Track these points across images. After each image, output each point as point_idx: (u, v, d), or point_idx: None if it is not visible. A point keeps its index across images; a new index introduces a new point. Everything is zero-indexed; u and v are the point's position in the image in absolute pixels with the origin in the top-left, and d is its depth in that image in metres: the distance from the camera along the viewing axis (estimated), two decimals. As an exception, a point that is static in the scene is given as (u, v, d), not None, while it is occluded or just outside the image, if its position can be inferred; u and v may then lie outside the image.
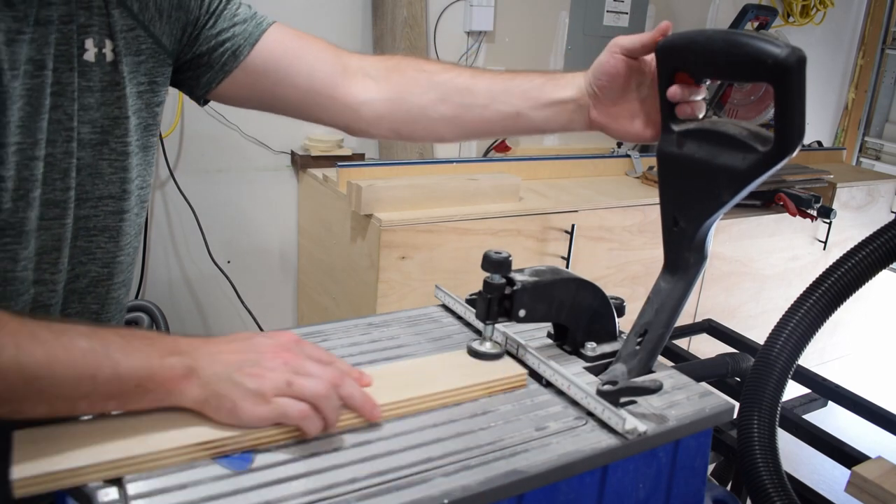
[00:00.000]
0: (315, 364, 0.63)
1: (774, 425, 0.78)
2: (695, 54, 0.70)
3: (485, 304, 0.72)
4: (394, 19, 2.19)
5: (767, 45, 0.62)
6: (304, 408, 0.60)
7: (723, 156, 0.67)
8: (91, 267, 0.79)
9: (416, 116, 0.89)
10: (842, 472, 0.92)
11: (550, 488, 0.61)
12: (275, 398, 0.59)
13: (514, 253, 0.71)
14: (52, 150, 0.72)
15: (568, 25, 2.62)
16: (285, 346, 0.64)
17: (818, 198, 2.49)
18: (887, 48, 3.60)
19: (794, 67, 0.61)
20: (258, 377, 0.60)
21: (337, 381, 0.62)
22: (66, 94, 0.71)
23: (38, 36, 0.68)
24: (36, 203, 0.71)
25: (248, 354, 0.62)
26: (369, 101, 0.89)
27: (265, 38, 0.85)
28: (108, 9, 0.74)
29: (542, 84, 0.84)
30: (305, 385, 0.60)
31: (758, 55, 0.63)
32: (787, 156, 0.64)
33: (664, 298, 0.71)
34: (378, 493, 0.55)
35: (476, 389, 0.71)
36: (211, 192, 2.09)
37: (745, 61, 0.65)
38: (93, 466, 0.54)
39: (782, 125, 0.63)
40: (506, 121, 0.86)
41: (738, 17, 2.65)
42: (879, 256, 0.75)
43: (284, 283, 2.32)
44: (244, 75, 0.85)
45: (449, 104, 0.87)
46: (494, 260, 0.70)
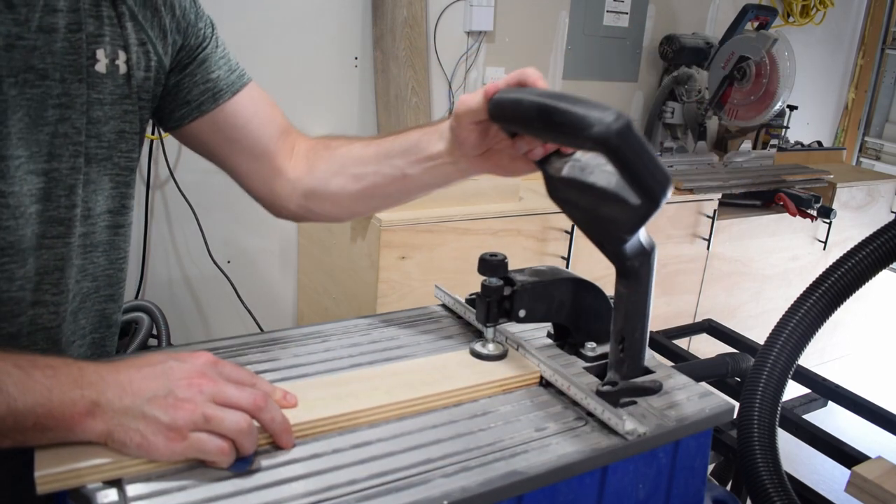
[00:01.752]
0: (235, 388, 0.59)
1: (774, 425, 0.78)
2: (519, 120, 0.69)
3: (484, 307, 0.72)
4: (394, 19, 2.19)
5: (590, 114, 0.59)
6: (224, 445, 0.55)
7: (602, 207, 0.64)
8: (84, 284, 0.77)
9: (320, 193, 0.88)
10: (842, 472, 0.92)
11: (550, 489, 0.61)
12: (191, 433, 0.55)
13: (514, 253, 0.71)
14: (58, 164, 0.69)
15: (568, 25, 2.62)
16: (201, 371, 0.59)
17: (818, 198, 2.49)
18: (887, 48, 3.60)
19: (615, 142, 0.58)
20: (172, 409, 0.55)
21: (260, 405, 0.58)
22: (75, 106, 0.69)
23: (41, 44, 0.65)
24: (34, 220, 0.68)
25: (160, 382, 0.57)
26: (291, 179, 0.89)
27: (243, 92, 0.86)
28: (122, 21, 0.72)
29: (419, 140, 0.82)
30: (225, 420, 0.56)
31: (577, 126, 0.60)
32: (657, 206, 0.61)
33: (628, 303, 0.69)
34: (378, 494, 0.55)
35: (492, 386, 0.71)
36: (211, 192, 2.09)
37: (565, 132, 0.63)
38: (95, 467, 0.54)
39: (635, 186, 0.60)
40: (395, 183, 0.84)
41: (738, 17, 2.65)
42: (879, 256, 0.75)
43: (284, 283, 2.32)
44: (213, 122, 0.85)
45: (344, 176, 0.86)
46: (490, 263, 0.70)
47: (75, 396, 0.55)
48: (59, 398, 0.54)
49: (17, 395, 0.53)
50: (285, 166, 0.90)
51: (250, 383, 0.61)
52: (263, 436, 0.59)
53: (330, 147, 0.90)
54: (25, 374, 0.55)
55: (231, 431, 0.56)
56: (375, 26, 2.23)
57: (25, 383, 0.54)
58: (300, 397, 0.64)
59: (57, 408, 0.54)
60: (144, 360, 0.60)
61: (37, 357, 0.58)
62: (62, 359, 0.58)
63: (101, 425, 0.55)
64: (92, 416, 0.55)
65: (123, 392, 0.56)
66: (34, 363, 0.56)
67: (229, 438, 0.56)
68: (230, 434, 0.56)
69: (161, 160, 1.97)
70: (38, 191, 0.68)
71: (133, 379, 0.57)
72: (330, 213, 0.91)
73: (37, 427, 0.54)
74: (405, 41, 2.22)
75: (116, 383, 0.57)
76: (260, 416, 0.58)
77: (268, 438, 0.59)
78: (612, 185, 0.62)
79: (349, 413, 0.64)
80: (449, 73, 2.41)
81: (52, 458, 0.53)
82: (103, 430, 0.55)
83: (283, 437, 0.59)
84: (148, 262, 2.02)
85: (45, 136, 0.67)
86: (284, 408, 0.62)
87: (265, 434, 0.59)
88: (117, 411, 0.55)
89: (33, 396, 0.54)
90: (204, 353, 0.62)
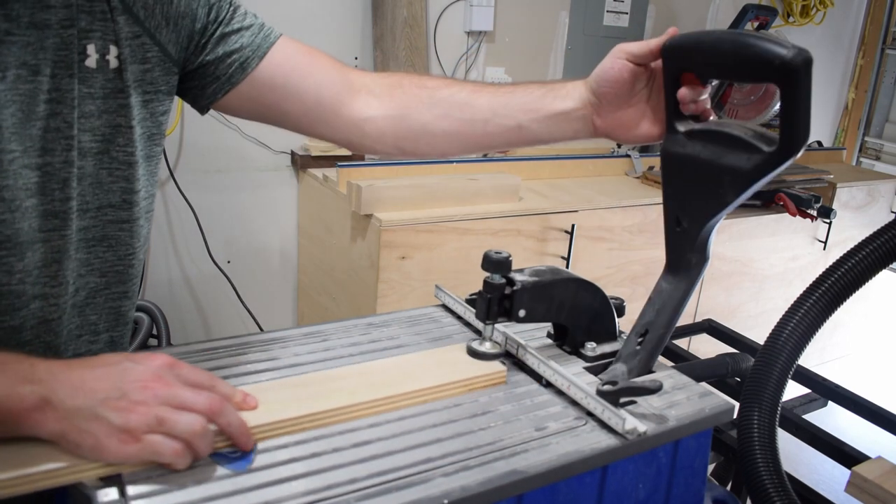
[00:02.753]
0: (191, 392, 0.58)
1: (774, 425, 0.78)
2: (702, 55, 0.70)
3: (485, 304, 0.72)
4: (394, 19, 2.19)
5: (774, 47, 0.62)
6: (178, 447, 0.55)
7: (727, 156, 0.67)
8: (89, 278, 0.77)
9: (418, 133, 0.89)
10: (842, 472, 0.92)
11: (550, 488, 0.61)
12: (145, 436, 0.54)
13: (514, 253, 0.71)
14: (51, 158, 0.69)
15: (568, 25, 2.62)
16: (156, 373, 0.58)
17: (818, 198, 2.49)
18: (887, 48, 3.60)
19: (800, 68, 0.61)
20: (125, 411, 0.55)
21: (216, 409, 0.58)
22: (66, 101, 0.69)
23: (34, 40, 0.66)
24: (31, 213, 0.69)
25: (114, 383, 0.56)
26: (372, 118, 0.89)
27: (273, 52, 0.84)
28: (114, 15, 0.72)
29: (543, 96, 0.83)
30: (179, 422, 0.55)
31: (765, 56, 0.63)
32: (791, 156, 0.64)
33: (665, 299, 0.71)
34: (378, 493, 0.55)
35: (456, 386, 0.70)
36: (211, 192, 2.09)
37: (751, 62, 0.64)
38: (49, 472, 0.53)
39: (788, 126, 0.63)
40: (508, 134, 0.85)
41: (738, 17, 2.65)
42: (879, 256, 0.75)
43: (284, 283, 2.32)
44: (250, 88, 0.84)
45: (450, 120, 0.87)
46: (494, 260, 0.70)
47: (24, 392, 0.54)
48: (7, 392, 0.54)
49: None
50: (354, 106, 0.89)
51: (208, 386, 0.61)
52: (221, 438, 0.59)
53: (426, 87, 0.89)
54: None
55: (185, 433, 0.56)
56: (375, 26, 2.23)
57: None
58: (260, 399, 0.63)
59: (4, 402, 0.54)
60: (99, 361, 0.59)
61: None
62: (14, 354, 0.57)
63: (54, 424, 0.54)
64: (42, 411, 0.54)
65: (75, 391, 0.55)
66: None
67: (183, 440, 0.56)
68: (184, 436, 0.56)
69: (161, 160, 1.97)
70: (33, 185, 0.68)
71: (86, 379, 0.57)
72: (426, 152, 0.91)
73: None
74: (405, 41, 2.22)
75: (68, 382, 0.56)
76: (216, 420, 0.58)
77: (225, 440, 0.59)
78: (746, 135, 0.66)
79: (309, 415, 0.63)
80: (449, 73, 2.41)
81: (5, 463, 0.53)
82: (56, 429, 0.54)
83: (240, 439, 0.59)
84: (148, 262, 2.02)
85: (38, 131, 0.68)
86: (244, 410, 0.62)
87: (223, 437, 0.59)
88: (69, 411, 0.55)
89: None
90: (161, 356, 0.61)
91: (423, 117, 0.88)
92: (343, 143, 0.92)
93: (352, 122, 0.89)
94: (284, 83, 0.85)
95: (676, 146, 0.72)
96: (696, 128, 0.71)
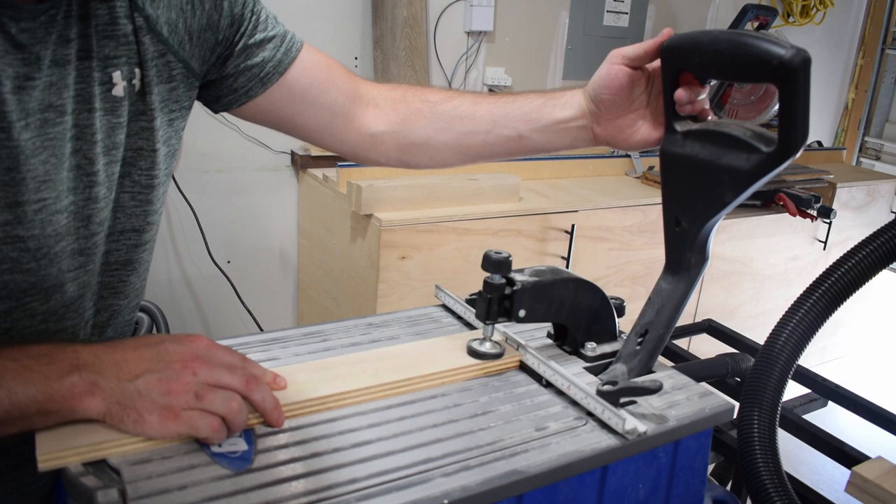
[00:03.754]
0: (226, 371, 0.61)
1: (774, 425, 0.78)
2: (700, 55, 0.70)
3: (485, 304, 0.72)
4: (394, 19, 2.19)
5: (772, 47, 0.62)
6: (215, 423, 0.58)
7: (726, 156, 0.67)
8: (111, 301, 0.76)
9: (420, 147, 0.89)
10: (842, 472, 0.92)
11: (550, 488, 0.61)
12: (184, 412, 0.57)
13: (514, 253, 0.71)
14: (75, 198, 0.66)
15: (568, 25, 2.62)
16: (195, 353, 0.61)
17: (818, 198, 2.49)
18: (887, 48, 3.60)
19: (799, 68, 0.61)
20: (166, 389, 0.58)
21: (250, 386, 0.61)
22: (86, 136, 0.66)
23: (57, 79, 0.62)
24: (61, 256, 0.66)
25: (156, 363, 0.59)
26: (378, 133, 0.89)
27: (294, 66, 0.83)
28: (139, 36, 0.68)
29: (542, 105, 0.83)
30: (216, 399, 0.58)
31: (763, 56, 0.63)
32: (790, 157, 0.64)
33: (665, 299, 0.71)
34: (378, 493, 0.55)
35: (473, 369, 0.73)
36: (211, 192, 2.09)
37: (750, 62, 0.64)
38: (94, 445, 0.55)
39: (786, 126, 0.63)
40: (508, 144, 0.86)
41: (738, 17, 2.65)
42: (879, 256, 0.75)
43: (284, 283, 2.32)
44: (267, 101, 0.83)
45: (452, 133, 0.87)
46: (494, 260, 0.70)
47: (74, 379, 0.56)
48: (58, 384, 0.56)
49: (16, 387, 0.55)
50: (363, 120, 0.89)
51: (242, 366, 0.63)
52: (254, 415, 0.62)
53: (428, 101, 0.89)
54: (22, 366, 0.56)
55: (221, 410, 0.58)
56: (375, 26, 2.23)
57: (23, 375, 0.56)
58: (289, 380, 0.67)
59: (57, 392, 0.56)
60: (141, 342, 0.62)
61: (30, 346, 0.59)
62: (55, 345, 0.59)
63: (100, 403, 0.57)
64: (91, 394, 0.57)
65: (120, 371, 0.58)
66: (28, 353, 0.58)
67: (220, 416, 0.58)
68: (221, 412, 0.58)
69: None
70: (62, 228, 0.66)
71: (129, 359, 0.59)
72: (430, 164, 0.92)
73: (40, 412, 0.56)
74: (405, 41, 2.22)
75: (113, 363, 0.59)
76: (250, 397, 0.61)
77: (258, 418, 0.62)
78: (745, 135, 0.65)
79: (336, 394, 0.66)
80: (449, 73, 2.42)
81: (52, 437, 0.56)
82: (102, 407, 0.57)
83: (272, 414, 0.62)
84: (148, 262, 2.02)
85: (67, 173, 0.65)
86: (274, 390, 0.65)
87: (256, 414, 0.62)
88: (114, 390, 0.57)
89: (33, 386, 0.55)
90: (199, 337, 0.64)
91: (426, 131, 0.88)
92: (350, 155, 0.93)
93: (360, 136, 0.90)
94: (302, 98, 0.85)
95: (675, 146, 0.72)
96: (695, 128, 0.71)
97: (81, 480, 0.54)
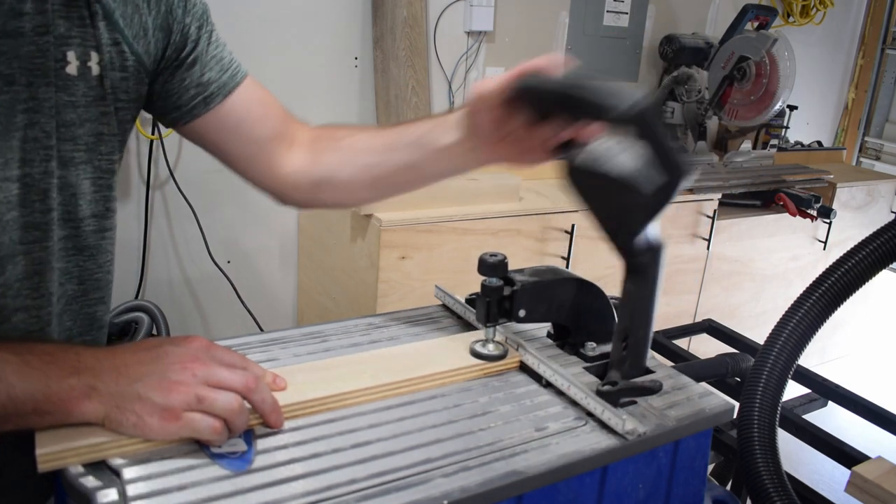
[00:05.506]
0: (227, 371, 0.61)
1: (774, 425, 0.78)
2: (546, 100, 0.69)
3: (484, 307, 0.72)
4: (394, 19, 2.19)
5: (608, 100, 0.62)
6: (216, 424, 0.58)
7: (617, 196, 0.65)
8: (68, 286, 0.76)
9: (328, 181, 0.89)
10: (842, 472, 0.92)
11: (550, 489, 0.61)
12: (185, 413, 0.57)
13: (514, 253, 0.71)
14: (30, 169, 0.68)
15: (568, 25, 2.62)
16: (194, 355, 0.61)
17: (818, 198, 2.49)
18: (887, 48, 3.60)
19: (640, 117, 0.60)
20: (166, 391, 0.57)
21: (251, 386, 0.61)
22: (43, 110, 0.67)
23: (6, 49, 0.64)
24: (12, 226, 0.67)
25: (155, 366, 0.59)
26: (292, 172, 0.90)
27: (236, 93, 0.85)
28: (94, 21, 0.69)
29: (430, 130, 0.82)
30: (217, 400, 0.58)
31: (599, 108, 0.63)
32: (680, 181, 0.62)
33: (635, 300, 0.69)
34: (377, 493, 0.55)
35: (474, 370, 0.73)
36: (211, 192, 2.09)
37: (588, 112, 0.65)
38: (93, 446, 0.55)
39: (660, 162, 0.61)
40: (407, 174, 0.85)
41: (738, 17, 2.65)
42: (879, 256, 0.75)
43: (284, 283, 2.32)
44: (205, 123, 0.85)
45: (353, 166, 0.87)
46: (490, 263, 0.70)
47: (73, 382, 0.56)
48: (57, 385, 0.56)
49: (15, 382, 0.55)
50: (284, 159, 0.89)
51: (242, 366, 0.63)
52: (254, 416, 0.62)
53: (335, 137, 0.90)
54: (23, 362, 0.57)
55: (223, 411, 0.58)
56: (375, 26, 2.23)
57: (24, 370, 0.56)
58: (289, 381, 0.67)
59: (55, 393, 0.56)
60: (140, 345, 0.62)
61: (34, 344, 0.60)
62: (59, 345, 0.60)
63: (99, 407, 0.57)
64: (89, 398, 0.56)
65: (119, 375, 0.58)
66: (31, 350, 0.58)
67: (221, 418, 0.58)
68: (222, 413, 0.58)
69: (161, 160, 1.97)
70: (14, 197, 0.67)
71: (129, 363, 0.59)
72: (340, 200, 0.92)
73: (36, 411, 0.55)
74: (405, 41, 2.22)
75: (112, 367, 0.59)
76: (251, 398, 0.61)
77: (258, 419, 0.62)
78: (626, 175, 0.63)
79: (336, 395, 0.66)
80: (449, 73, 2.42)
81: (52, 437, 0.56)
82: (100, 411, 0.57)
83: (272, 416, 0.62)
84: (148, 262, 2.02)
85: (17, 142, 0.66)
86: (274, 391, 0.65)
87: (256, 415, 0.62)
88: (114, 394, 0.57)
89: (32, 383, 0.56)
90: (198, 338, 0.64)
91: (330, 166, 0.88)
92: (270, 193, 0.93)
93: (279, 177, 0.90)
94: (236, 127, 0.86)
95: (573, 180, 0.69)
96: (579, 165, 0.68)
97: (81, 481, 0.54)
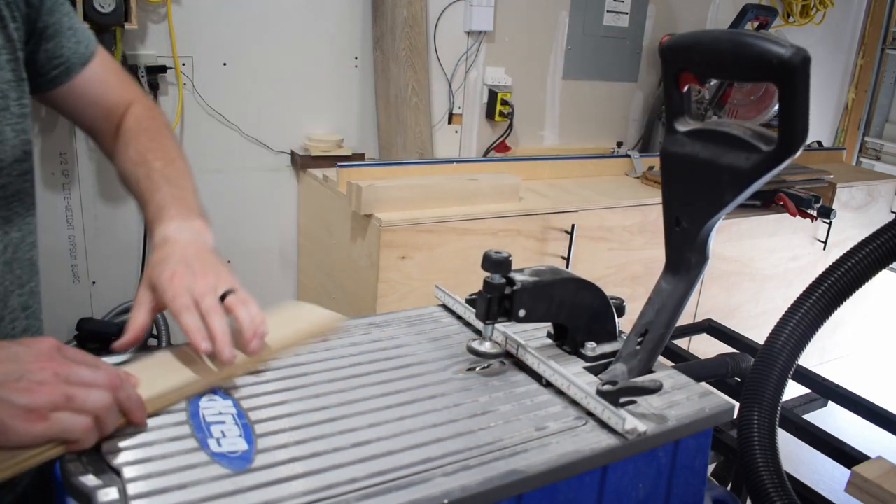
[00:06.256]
0: (88, 369, 0.58)
1: (774, 425, 0.78)
2: (700, 55, 0.70)
3: (485, 303, 0.72)
4: (394, 19, 2.19)
5: (773, 46, 0.62)
6: (87, 422, 0.55)
7: (726, 156, 0.67)
8: (13, 234, 0.77)
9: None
10: (842, 472, 0.92)
11: (550, 488, 0.61)
12: (52, 413, 0.54)
13: (514, 253, 0.71)
14: None
15: (568, 25, 2.62)
16: (48, 355, 0.58)
17: (818, 198, 2.49)
18: (887, 48, 3.60)
19: (798, 68, 0.61)
20: (28, 391, 0.54)
21: (115, 384, 0.58)
22: None
23: None
24: None
25: (11, 366, 0.55)
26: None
27: (93, 63, 0.88)
28: None
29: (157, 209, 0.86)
30: (88, 398, 0.56)
31: (763, 55, 0.63)
32: (790, 155, 0.64)
33: (665, 299, 0.71)
34: (378, 493, 0.55)
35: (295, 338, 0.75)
36: (211, 191, 2.09)
37: (750, 62, 0.65)
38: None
39: (786, 125, 0.63)
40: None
41: (738, 17, 2.65)
42: (879, 256, 0.75)
43: (284, 283, 2.32)
44: (66, 92, 0.87)
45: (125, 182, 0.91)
46: (494, 260, 0.70)
47: None
48: None
49: None
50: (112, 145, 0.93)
51: (97, 365, 0.61)
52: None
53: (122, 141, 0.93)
54: None
55: (95, 408, 0.56)
56: (375, 26, 2.23)
57: None
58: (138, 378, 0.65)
59: None
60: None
61: None
62: None
63: None
64: None
65: None
66: None
67: (92, 416, 0.56)
68: (94, 411, 0.56)
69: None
70: None
71: None
72: None
73: None
74: (405, 41, 2.22)
75: None
76: (116, 395, 0.58)
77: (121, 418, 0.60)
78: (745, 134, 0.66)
79: (186, 384, 0.66)
80: (449, 73, 2.42)
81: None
82: None
83: (138, 413, 0.60)
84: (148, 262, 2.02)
85: None
86: None
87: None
88: None
89: None
90: (47, 339, 0.61)
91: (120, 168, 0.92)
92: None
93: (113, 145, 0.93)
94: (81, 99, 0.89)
95: (676, 146, 0.72)
96: (695, 128, 0.71)
97: (81, 480, 0.54)
